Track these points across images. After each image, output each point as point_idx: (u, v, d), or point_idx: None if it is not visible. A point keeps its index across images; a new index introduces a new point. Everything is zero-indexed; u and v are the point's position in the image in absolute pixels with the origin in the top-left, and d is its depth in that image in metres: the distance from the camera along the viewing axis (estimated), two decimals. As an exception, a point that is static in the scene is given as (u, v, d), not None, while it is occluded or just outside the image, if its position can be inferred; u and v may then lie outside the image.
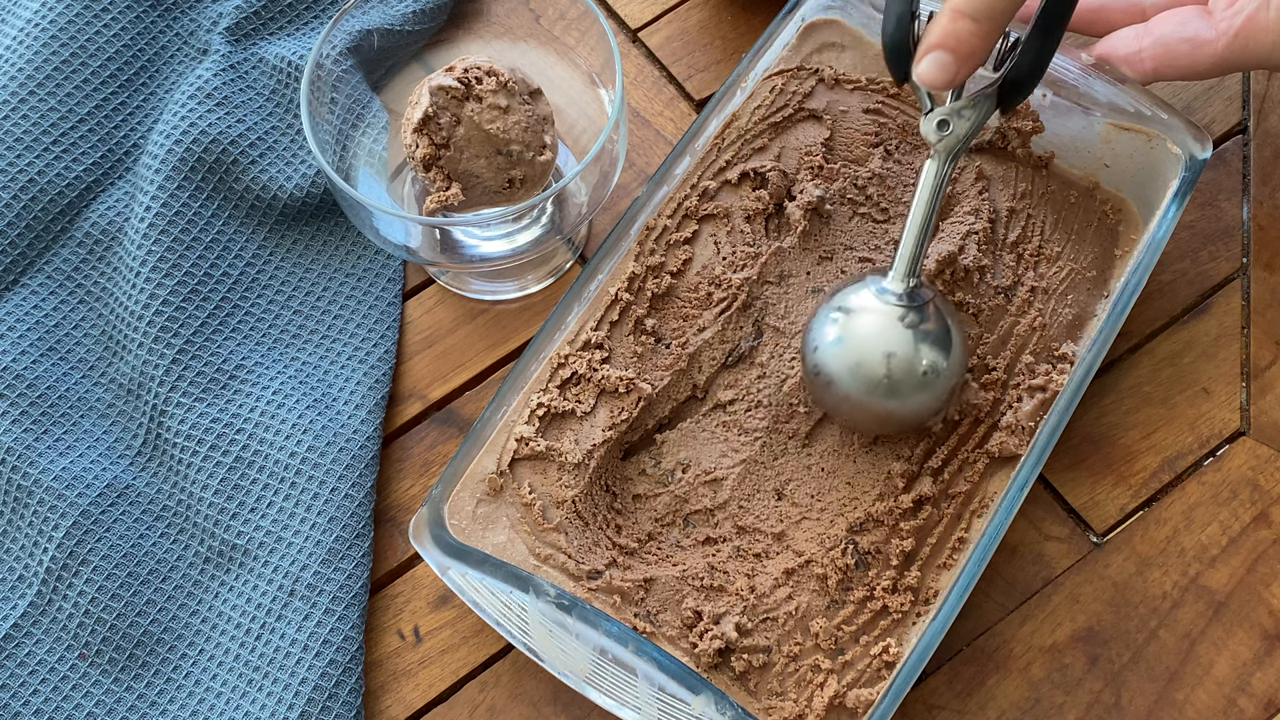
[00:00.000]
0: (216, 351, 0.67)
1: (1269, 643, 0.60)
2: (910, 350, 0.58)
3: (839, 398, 0.60)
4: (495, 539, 0.58)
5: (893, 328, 0.59)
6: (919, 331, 0.59)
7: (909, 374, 0.58)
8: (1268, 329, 0.67)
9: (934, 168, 0.58)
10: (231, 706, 0.60)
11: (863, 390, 0.59)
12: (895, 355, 0.58)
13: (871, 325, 0.59)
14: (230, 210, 0.70)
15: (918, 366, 0.58)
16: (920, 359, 0.58)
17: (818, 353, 0.60)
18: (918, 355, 0.58)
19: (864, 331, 0.59)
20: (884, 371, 0.58)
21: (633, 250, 0.63)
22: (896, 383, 0.58)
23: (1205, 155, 0.63)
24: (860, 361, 0.59)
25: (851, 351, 0.59)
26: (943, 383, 0.59)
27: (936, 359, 0.59)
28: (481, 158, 0.63)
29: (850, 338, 0.59)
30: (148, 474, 0.65)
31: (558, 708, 0.60)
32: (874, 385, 0.59)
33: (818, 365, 0.60)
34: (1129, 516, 0.63)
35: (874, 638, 0.57)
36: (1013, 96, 0.58)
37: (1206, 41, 0.62)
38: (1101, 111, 0.65)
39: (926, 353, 0.58)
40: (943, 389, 0.59)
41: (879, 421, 0.60)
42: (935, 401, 0.59)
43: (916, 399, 0.59)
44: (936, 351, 0.59)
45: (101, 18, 0.73)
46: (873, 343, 0.59)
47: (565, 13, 0.71)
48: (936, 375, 0.59)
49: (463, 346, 0.69)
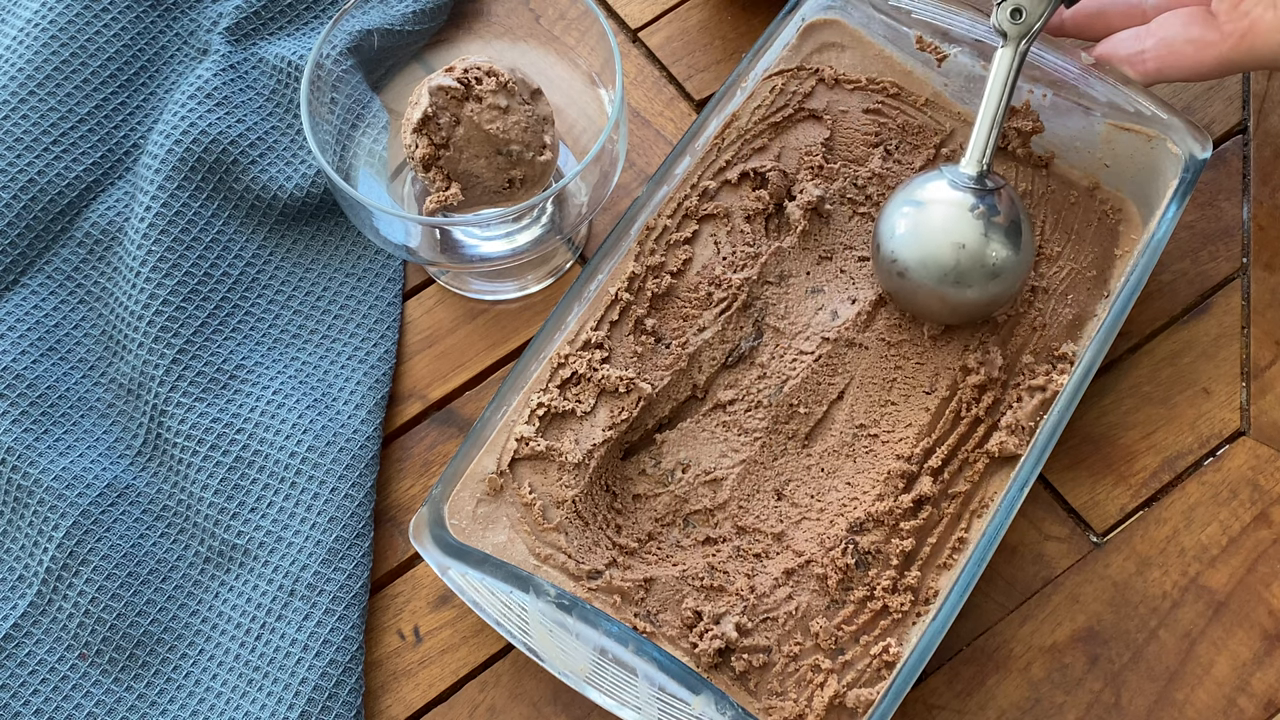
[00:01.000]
0: (216, 351, 0.67)
1: (1269, 643, 0.60)
2: (980, 241, 0.61)
3: (912, 288, 0.62)
4: (495, 539, 0.58)
5: (963, 218, 0.61)
6: (989, 222, 0.61)
7: (979, 264, 0.60)
8: (1268, 329, 0.67)
9: (1007, 55, 0.61)
10: (231, 706, 0.60)
11: (934, 280, 0.61)
12: (965, 246, 0.61)
13: (943, 216, 0.61)
14: (230, 210, 0.70)
15: (987, 257, 0.60)
16: (990, 249, 0.60)
17: (891, 243, 0.62)
18: (987, 245, 0.61)
19: (935, 222, 0.61)
20: (954, 262, 0.60)
21: (633, 250, 0.63)
22: (966, 272, 0.61)
23: (1205, 155, 0.63)
24: (931, 252, 0.61)
25: (923, 242, 0.61)
26: (1012, 272, 0.61)
27: (1006, 249, 0.61)
28: (481, 158, 0.63)
29: (922, 229, 0.62)
30: (148, 474, 0.65)
31: (558, 708, 0.60)
32: (944, 275, 0.61)
33: (892, 255, 0.62)
34: (1129, 516, 0.63)
35: (874, 638, 0.57)
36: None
37: (1211, 43, 0.62)
38: (1102, 111, 0.65)
39: (996, 242, 0.61)
40: (1012, 278, 0.61)
41: (950, 310, 0.62)
42: (1004, 290, 0.62)
43: (987, 288, 0.61)
44: (1006, 241, 0.61)
45: (101, 18, 0.73)
46: (944, 233, 0.61)
47: (565, 13, 0.71)
48: (1005, 265, 0.61)
49: (463, 346, 0.69)
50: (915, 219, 0.62)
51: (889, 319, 0.64)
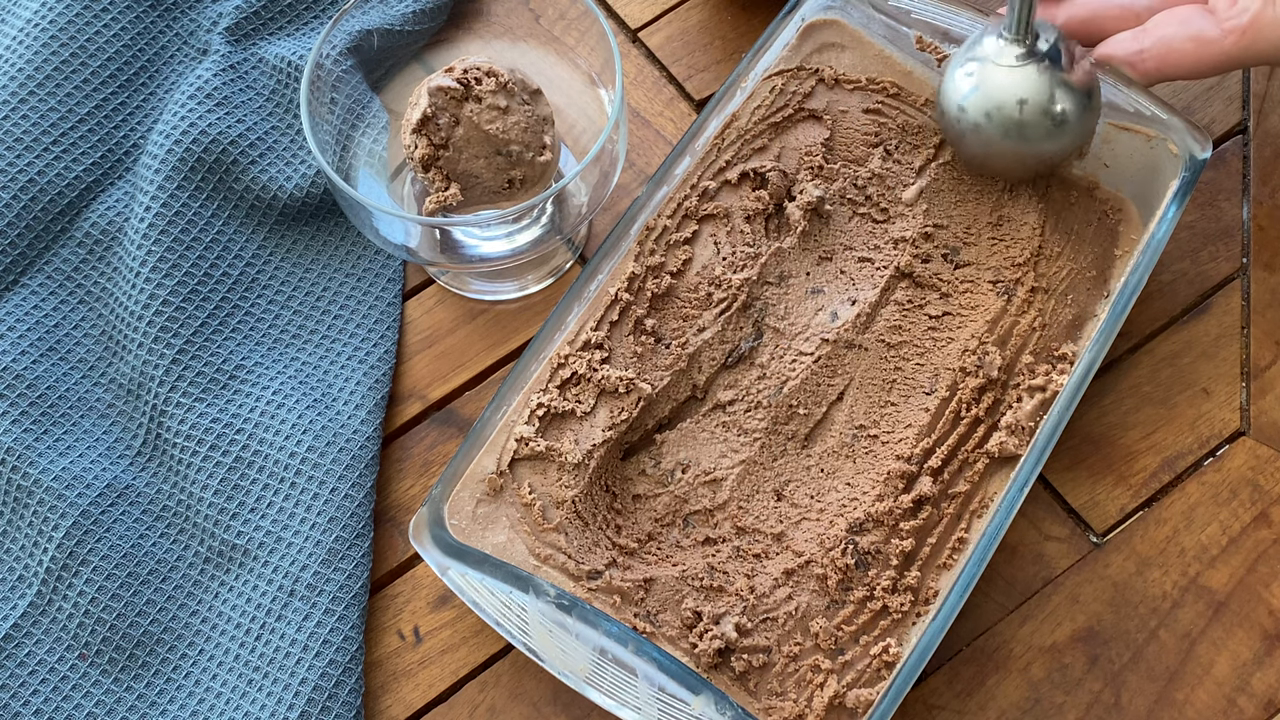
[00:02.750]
0: (216, 351, 0.67)
1: (1269, 643, 0.60)
2: (1044, 95, 0.62)
3: (981, 142, 0.64)
4: (495, 539, 0.58)
5: (1025, 73, 0.62)
6: (1051, 76, 0.62)
7: (1044, 117, 0.62)
8: (1268, 329, 0.67)
9: None
10: (231, 706, 0.60)
11: (999, 134, 0.63)
12: (1028, 101, 0.62)
13: (1003, 73, 0.62)
14: (230, 210, 0.70)
15: (1052, 109, 0.62)
16: (1054, 103, 0.62)
17: (956, 104, 0.64)
18: (1051, 100, 0.62)
19: (997, 79, 0.63)
20: (1018, 116, 0.62)
21: (633, 250, 0.63)
22: (1030, 125, 0.62)
23: (1205, 155, 0.63)
24: (998, 107, 0.62)
25: (987, 98, 0.63)
26: (1076, 123, 0.63)
27: (1068, 102, 0.62)
28: (481, 158, 0.63)
29: (984, 85, 0.63)
30: (148, 474, 0.65)
31: (558, 708, 0.60)
32: (1008, 129, 0.63)
33: (961, 111, 0.64)
34: (1129, 516, 0.63)
35: (874, 638, 0.57)
36: None
37: (1212, 39, 0.62)
38: (1101, 111, 0.65)
39: (1060, 96, 0.62)
40: (1078, 128, 0.63)
41: (1019, 163, 0.64)
42: (1072, 141, 0.63)
43: (1053, 141, 0.63)
44: (1068, 94, 0.62)
45: (101, 18, 0.73)
46: (1006, 90, 0.62)
47: (565, 13, 0.71)
48: (1068, 117, 0.62)
49: (463, 346, 0.69)
50: (980, 76, 0.63)
51: (889, 320, 0.64)
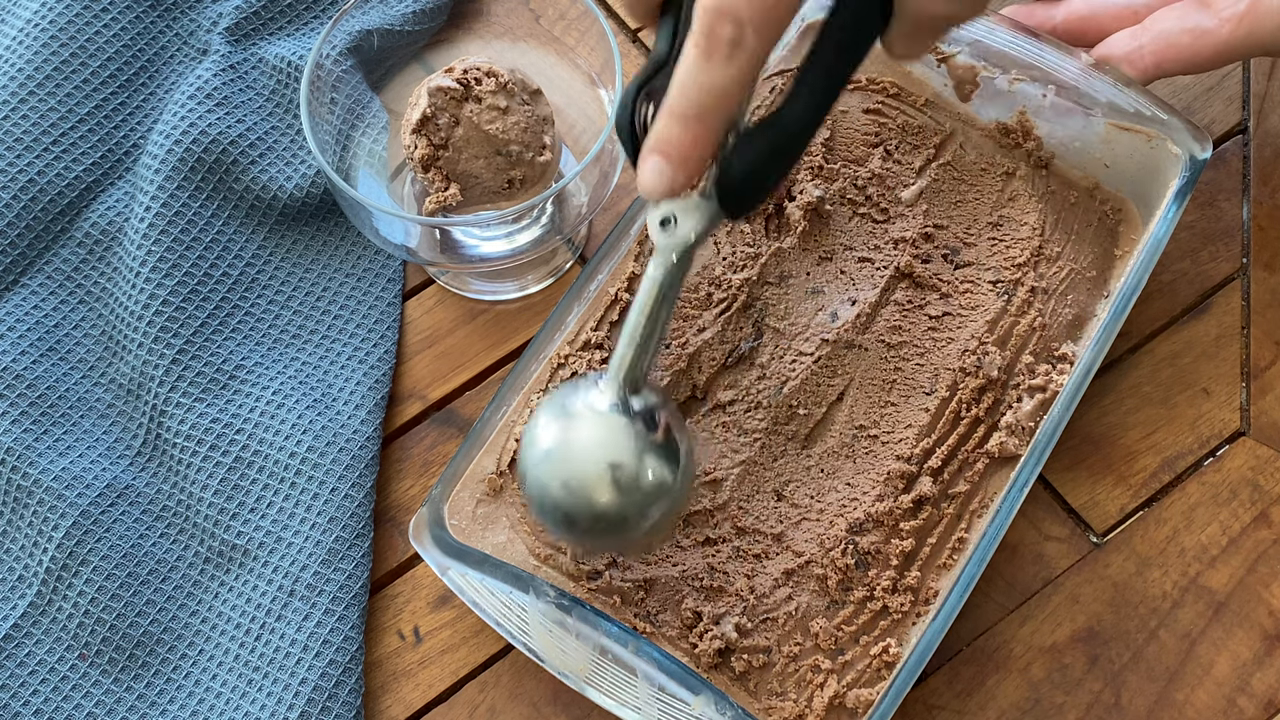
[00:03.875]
0: (216, 351, 0.67)
1: (1269, 643, 0.60)
2: (633, 464, 0.51)
3: (553, 506, 0.52)
4: (495, 539, 0.58)
5: (613, 438, 0.51)
6: (643, 444, 0.51)
7: (634, 488, 0.51)
8: (1268, 329, 0.67)
9: (656, 270, 0.50)
10: (231, 706, 0.60)
11: (581, 504, 0.51)
12: (620, 468, 0.51)
13: (585, 433, 0.52)
14: (230, 210, 0.70)
15: (643, 479, 0.51)
16: (645, 471, 0.51)
17: (527, 460, 0.52)
18: (641, 467, 0.51)
19: (579, 440, 0.52)
20: (608, 484, 0.51)
21: (633, 250, 0.63)
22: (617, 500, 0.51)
23: (1205, 155, 0.63)
24: (575, 472, 0.51)
25: (566, 462, 0.51)
26: (670, 496, 0.52)
27: (658, 473, 0.51)
28: (480, 158, 0.63)
29: (566, 447, 0.52)
30: (148, 474, 0.65)
31: (558, 708, 0.60)
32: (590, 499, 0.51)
33: (525, 468, 0.52)
34: (1129, 516, 0.63)
35: (874, 638, 0.57)
36: (732, 202, 0.49)
37: (1209, 30, 0.62)
38: (1101, 112, 0.65)
39: (649, 466, 0.51)
40: (665, 507, 0.52)
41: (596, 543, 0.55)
42: (659, 518, 0.52)
43: (643, 514, 0.51)
44: (658, 465, 0.51)
45: (101, 18, 0.73)
46: (588, 452, 0.51)
47: (565, 13, 0.71)
48: (659, 489, 0.51)
49: (463, 346, 0.69)
50: (560, 435, 0.52)
51: (889, 320, 0.64)
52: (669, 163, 0.47)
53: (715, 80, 0.45)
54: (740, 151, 0.48)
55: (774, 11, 0.44)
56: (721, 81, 0.45)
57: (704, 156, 0.47)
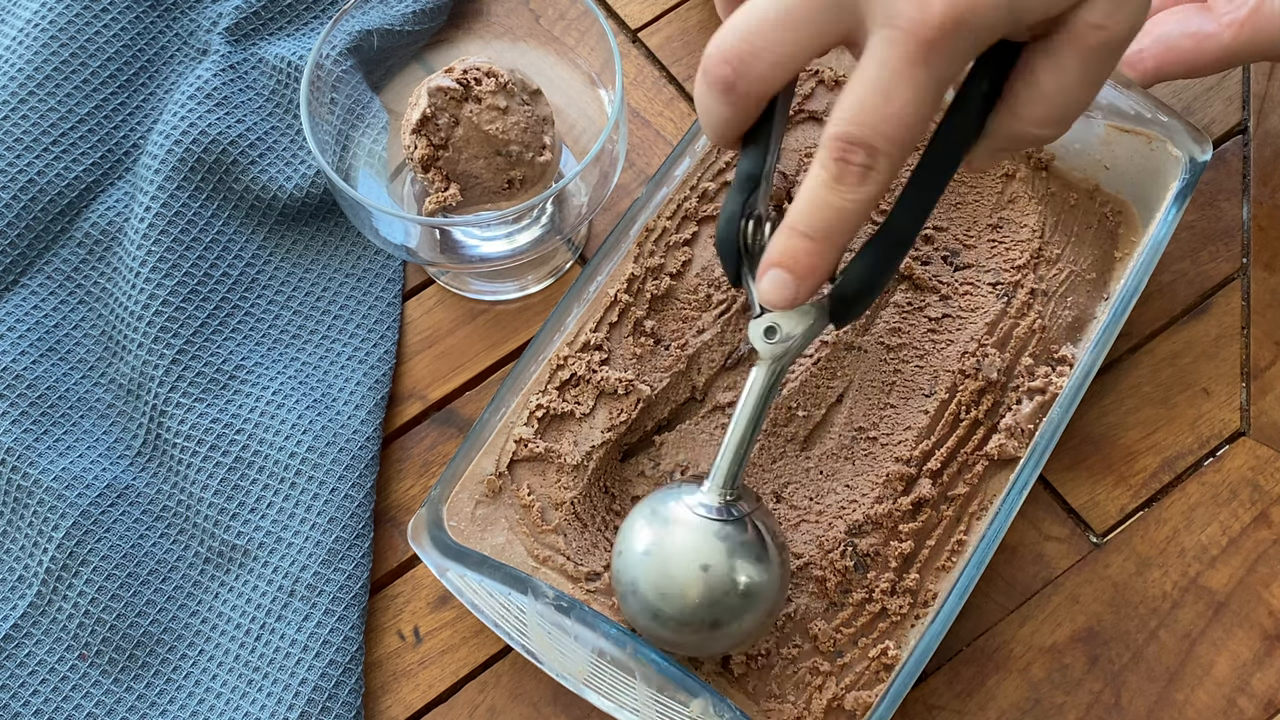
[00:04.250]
0: (216, 351, 0.67)
1: (1269, 643, 0.60)
2: (725, 566, 0.53)
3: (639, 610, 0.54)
4: (494, 540, 0.58)
5: (707, 541, 0.53)
6: (735, 545, 0.53)
7: (724, 593, 0.53)
8: (1268, 329, 0.67)
9: (760, 376, 0.53)
10: (231, 707, 0.60)
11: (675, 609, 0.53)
12: (712, 569, 0.53)
13: (680, 540, 0.53)
14: (230, 210, 0.70)
15: (736, 584, 0.53)
16: (738, 575, 0.53)
17: (622, 559, 0.54)
18: (734, 571, 0.53)
19: (674, 546, 0.53)
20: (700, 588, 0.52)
21: (632, 251, 0.63)
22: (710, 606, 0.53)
23: (1205, 157, 0.63)
24: (670, 578, 0.53)
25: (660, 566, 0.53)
26: (759, 603, 0.53)
27: (755, 575, 0.53)
28: (480, 158, 0.63)
29: (660, 552, 0.54)
30: (148, 474, 0.65)
31: (557, 708, 0.60)
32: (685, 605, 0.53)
33: (619, 573, 0.55)
34: (1129, 517, 0.63)
35: (873, 640, 0.57)
36: (844, 312, 0.51)
37: (1210, 35, 0.62)
38: (1101, 114, 0.65)
39: (743, 568, 0.53)
40: (761, 610, 0.54)
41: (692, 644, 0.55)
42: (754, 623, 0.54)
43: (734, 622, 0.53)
44: (755, 567, 0.53)
45: (101, 18, 0.73)
46: (683, 558, 0.53)
47: (565, 13, 0.71)
48: (750, 596, 0.53)
49: (463, 346, 0.69)
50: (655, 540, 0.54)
51: (888, 322, 0.64)
52: (793, 277, 0.49)
53: (845, 204, 0.47)
54: (855, 265, 0.50)
55: (906, 144, 0.45)
56: (850, 206, 0.47)
57: (827, 272, 0.49)
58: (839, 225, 0.47)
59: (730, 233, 0.52)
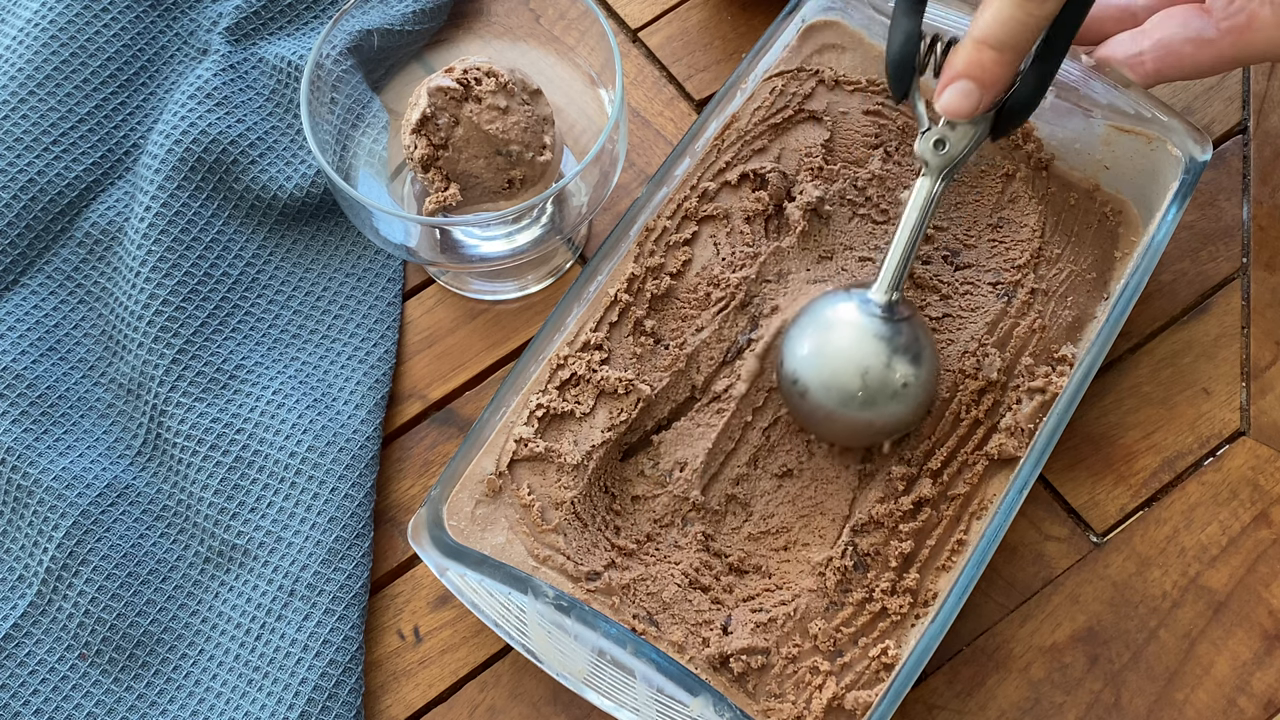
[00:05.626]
0: (216, 351, 0.67)
1: (1269, 643, 0.60)
2: (884, 365, 0.59)
3: (810, 408, 0.60)
4: (494, 540, 0.58)
5: (868, 342, 0.59)
6: (894, 346, 0.59)
7: (883, 388, 0.59)
8: (1268, 329, 0.67)
9: (927, 185, 0.59)
10: (231, 706, 0.60)
11: (836, 403, 0.59)
12: (870, 370, 0.59)
13: (848, 339, 0.59)
14: (230, 210, 0.70)
15: (890, 384, 0.59)
16: (894, 374, 0.59)
17: (794, 362, 0.60)
18: (891, 370, 0.59)
19: (840, 344, 0.60)
20: (859, 385, 0.59)
21: (632, 251, 0.63)
22: (871, 396, 0.59)
23: (1205, 157, 0.63)
24: (835, 375, 0.59)
25: (827, 364, 0.59)
26: (914, 398, 0.59)
27: (909, 374, 0.59)
28: (480, 158, 0.63)
29: (826, 350, 0.60)
30: (148, 474, 0.65)
31: (557, 708, 0.60)
32: (846, 399, 0.59)
33: (794, 374, 0.60)
34: (1129, 516, 0.63)
35: (873, 640, 0.57)
36: (1009, 122, 0.59)
37: (1209, 40, 0.62)
38: (1102, 113, 0.65)
39: (900, 367, 0.59)
40: (914, 404, 0.60)
41: (850, 434, 0.61)
42: (904, 417, 0.60)
43: (886, 412, 0.59)
44: (910, 366, 0.59)
45: (101, 18, 0.73)
46: (848, 356, 0.59)
47: (565, 13, 0.71)
48: (908, 390, 0.59)
49: (463, 346, 0.69)
50: (821, 341, 0.60)
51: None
52: (979, 86, 0.56)
53: (1030, 18, 0.54)
54: (1026, 79, 0.58)
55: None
56: (1034, 20, 0.54)
57: (1008, 82, 0.57)
58: (1023, 38, 0.55)
59: (908, 51, 0.59)
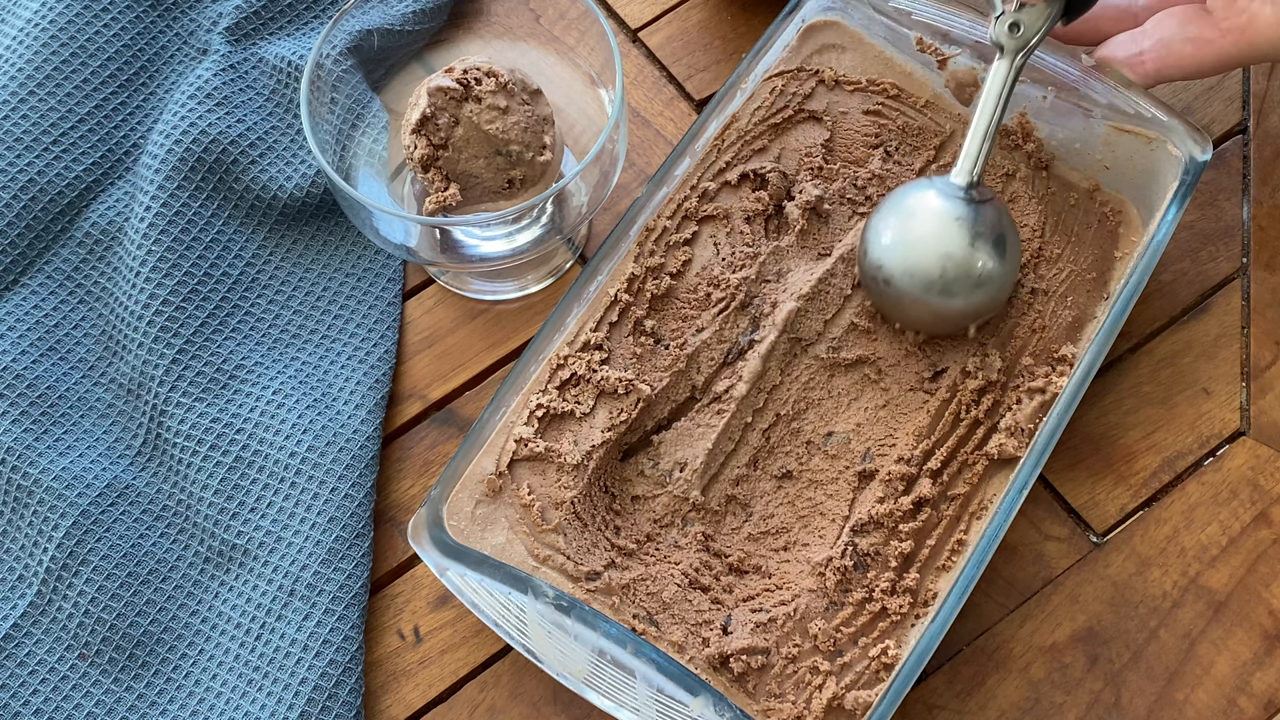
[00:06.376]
0: (216, 351, 0.67)
1: (1269, 643, 0.60)
2: (966, 252, 0.60)
3: (896, 295, 0.62)
4: (494, 540, 0.58)
5: (950, 229, 0.61)
6: (976, 234, 0.60)
7: (964, 275, 0.60)
8: (1268, 329, 0.67)
9: (1003, 68, 0.61)
10: (231, 706, 0.60)
11: (919, 289, 0.61)
12: (952, 257, 0.60)
13: (930, 227, 0.61)
14: (230, 210, 0.70)
15: (973, 268, 0.60)
16: (976, 261, 0.60)
17: (877, 251, 0.62)
18: (974, 257, 0.60)
19: (923, 232, 0.61)
20: (939, 272, 0.60)
21: (632, 251, 0.63)
22: (951, 283, 0.60)
23: (1205, 157, 0.63)
24: (917, 262, 0.61)
25: (910, 252, 0.61)
26: (996, 284, 0.61)
27: (992, 261, 0.60)
28: (480, 158, 0.63)
29: (909, 238, 0.61)
30: (148, 474, 0.65)
31: (557, 708, 0.60)
32: (929, 285, 0.61)
33: (878, 262, 0.62)
34: (1129, 516, 0.63)
35: (873, 640, 0.57)
36: (1080, 6, 0.61)
37: (1209, 40, 0.62)
38: (1102, 113, 0.65)
39: (982, 254, 0.60)
40: (996, 290, 0.61)
41: (933, 319, 0.62)
42: (988, 301, 0.62)
43: (970, 299, 0.61)
44: (992, 254, 0.60)
45: (101, 18, 0.73)
46: (930, 244, 0.61)
47: (565, 13, 0.71)
48: (990, 277, 0.61)
49: (463, 346, 0.69)
50: (902, 228, 0.62)
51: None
52: None
53: None
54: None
55: None
56: None
57: None
58: None
59: None
